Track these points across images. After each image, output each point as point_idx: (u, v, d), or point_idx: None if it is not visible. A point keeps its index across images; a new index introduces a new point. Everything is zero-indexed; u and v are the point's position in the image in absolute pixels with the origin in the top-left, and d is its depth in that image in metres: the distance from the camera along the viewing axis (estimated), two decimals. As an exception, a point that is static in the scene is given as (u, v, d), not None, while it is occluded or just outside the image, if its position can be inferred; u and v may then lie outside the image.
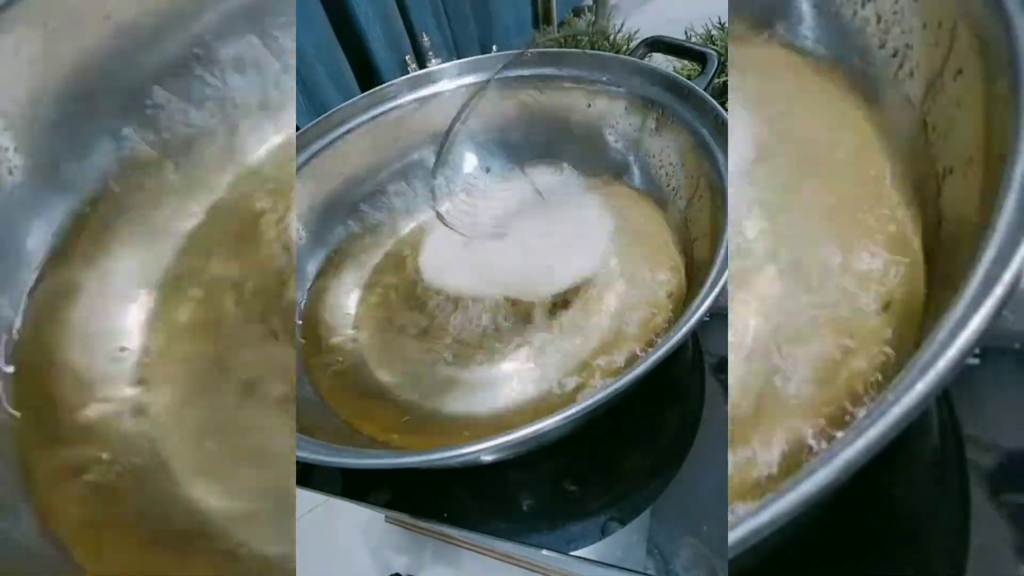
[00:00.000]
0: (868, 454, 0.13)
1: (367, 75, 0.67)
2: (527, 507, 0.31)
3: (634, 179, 0.43)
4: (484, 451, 0.24)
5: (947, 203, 0.21)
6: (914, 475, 0.24)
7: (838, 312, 0.23)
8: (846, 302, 0.23)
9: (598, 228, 0.41)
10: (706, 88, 0.37)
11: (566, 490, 0.31)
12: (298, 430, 0.28)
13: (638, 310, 0.36)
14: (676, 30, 0.57)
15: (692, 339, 0.35)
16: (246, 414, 0.31)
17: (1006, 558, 0.21)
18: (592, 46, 0.65)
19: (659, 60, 0.50)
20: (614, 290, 0.38)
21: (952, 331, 0.14)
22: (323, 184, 0.45)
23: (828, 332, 0.23)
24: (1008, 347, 0.25)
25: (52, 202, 0.32)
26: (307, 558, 0.78)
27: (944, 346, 0.14)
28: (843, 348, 0.22)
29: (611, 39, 0.66)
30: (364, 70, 0.67)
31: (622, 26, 0.68)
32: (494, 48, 0.46)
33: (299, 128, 0.43)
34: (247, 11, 0.36)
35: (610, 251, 0.39)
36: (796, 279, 0.25)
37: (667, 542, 0.28)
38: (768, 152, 0.29)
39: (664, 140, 0.39)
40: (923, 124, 0.24)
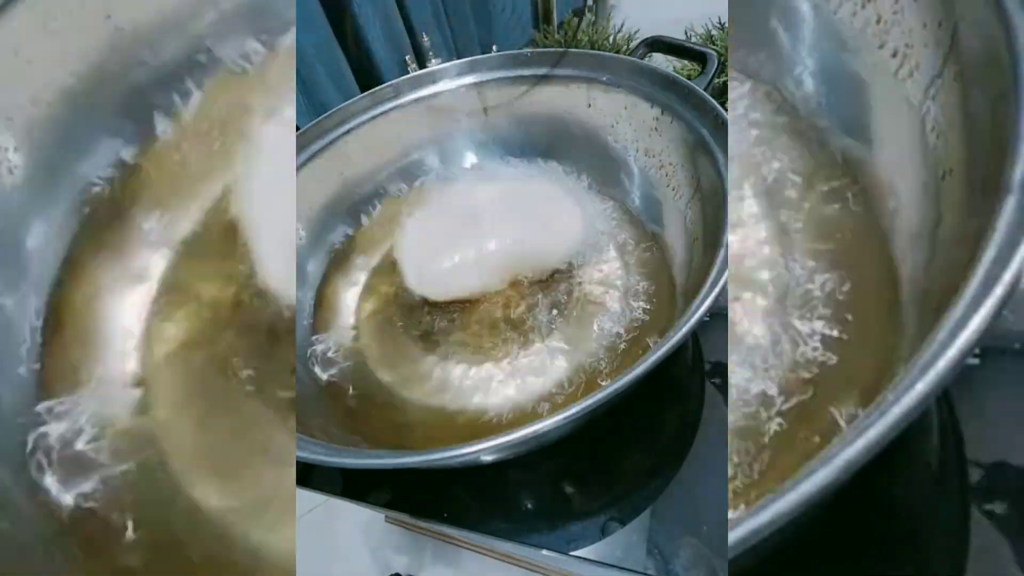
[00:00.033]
0: (868, 454, 0.13)
1: (367, 75, 0.67)
2: (527, 507, 0.31)
3: (632, 180, 0.43)
4: (484, 451, 0.24)
5: (947, 203, 0.21)
6: (914, 475, 0.24)
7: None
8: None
9: (569, 225, 0.42)
10: (706, 88, 0.37)
11: (566, 490, 0.31)
12: (298, 430, 0.28)
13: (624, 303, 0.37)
14: (676, 30, 0.57)
15: (692, 339, 0.35)
16: (246, 414, 0.31)
17: (1006, 558, 0.21)
18: (592, 46, 0.65)
19: (659, 60, 0.50)
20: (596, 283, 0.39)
21: (952, 331, 0.14)
22: (323, 184, 0.45)
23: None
24: (1008, 347, 0.25)
25: (52, 202, 0.32)
26: (307, 558, 0.78)
27: (944, 346, 0.14)
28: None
29: (611, 39, 0.66)
30: (364, 70, 0.67)
31: (622, 26, 0.68)
32: (494, 48, 0.46)
33: (299, 128, 0.43)
34: (247, 11, 0.36)
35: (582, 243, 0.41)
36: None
37: (667, 542, 0.28)
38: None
39: (664, 140, 0.39)
40: (923, 124, 0.24)
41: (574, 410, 0.23)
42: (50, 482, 0.28)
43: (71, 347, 0.31)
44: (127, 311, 0.33)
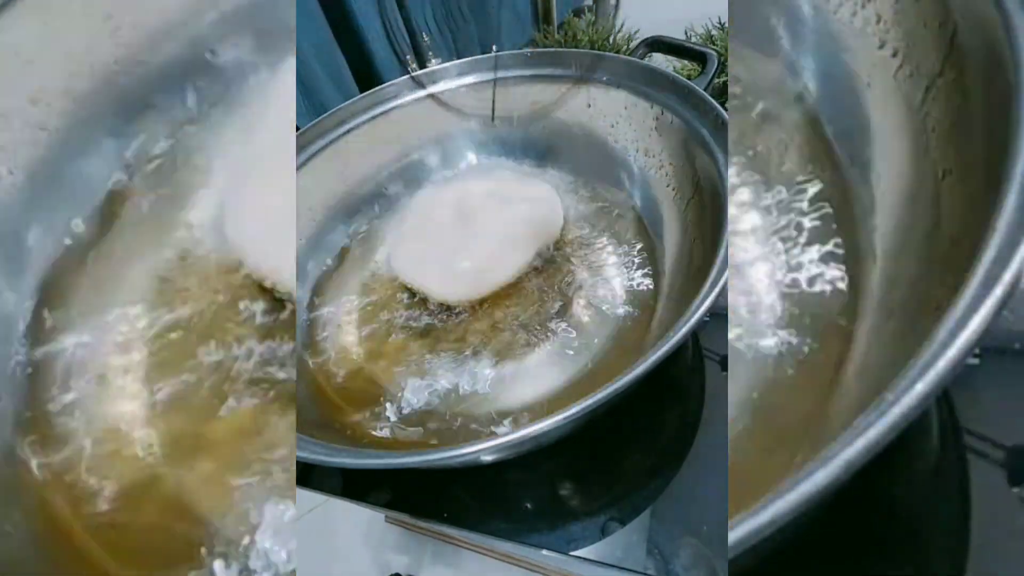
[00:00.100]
0: (868, 454, 0.13)
1: (367, 75, 0.67)
2: (527, 507, 0.31)
3: (632, 180, 0.43)
4: (484, 451, 0.24)
5: (946, 203, 0.21)
6: (914, 475, 0.24)
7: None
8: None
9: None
10: (706, 88, 0.37)
11: (566, 490, 0.31)
12: (298, 430, 0.28)
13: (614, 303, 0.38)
14: (676, 30, 0.57)
15: (692, 339, 0.35)
16: (246, 413, 0.31)
17: (1006, 558, 0.21)
18: (592, 46, 0.65)
19: (659, 60, 0.50)
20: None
21: (952, 331, 0.14)
22: (323, 184, 0.45)
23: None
24: (1008, 347, 0.25)
25: (52, 203, 0.32)
26: (307, 558, 0.78)
27: (944, 346, 0.14)
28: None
29: (611, 39, 0.66)
30: (364, 70, 0.67)
31: (622, 26, 0.68)
32: (494, 48, 0.46)
33: (299, 128, 0.43)
34: (247, 11, 0.36)
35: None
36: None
37: (667, 542, 0.28)
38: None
39: (664, 140, 0.39)
40: (923, 124, 0.24)
41: (574, 410, 0.23)
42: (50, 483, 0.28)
43: (68, 341, 0.31)
44: (127, 309, 0.33)
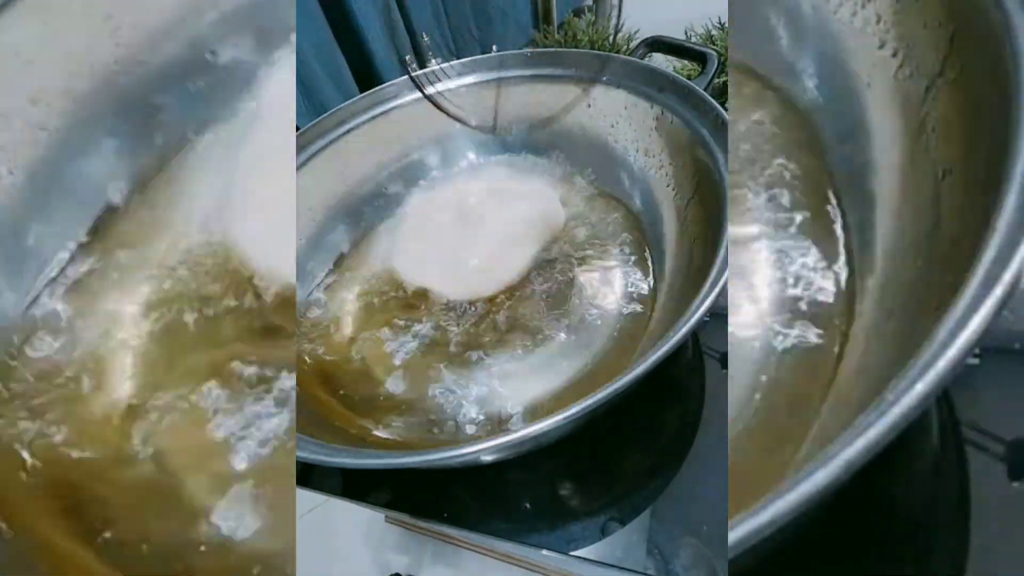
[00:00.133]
0: (868, 454, 0.13)
1: (367, 75, 0.67)
2: (527, 507, 0.31)
3: (632, 180, 0.43)
4: (484, 451, 0.24)
5: (946, 203, 0.21)
6: (914, 475, 0.24)
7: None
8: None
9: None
10: (706, 88, 0.37)
11: (566, 490, 0.31)
12: (298, 430, 0.28)
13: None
14: (676, 30, 0.57)
15: (692, 339, 0.35)
16: (246, 413, 0.31)
17: (1006, 558, 0.21)
18: (592, 46, 0.65)
19: (659, 60, 0.50)
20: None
21: (952, 331, 0.14)
22: (323, 184, 0.45)
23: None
24: (1008, 347, 0.25)
25: (53, 203, 0.32)
26: (307, 558, 0.78)
27: (944, 346, 0.14)
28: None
29: (611, 39, 0.66)
30: (364, 70, 0.67)
31: (622, 26, 0.68)
32: (494, 48, 0.46)
33: (299, 128, 0.43)
34: (247, 11, 0.36)
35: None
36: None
37: (667, 542, 0.28)
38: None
39: (664, 140, 0.39)
40: (923, 124, 0.24)
41: (574, 410, 0.23)
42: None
43: (71, 349, 0.31)
44: (126, 307, 0.33)
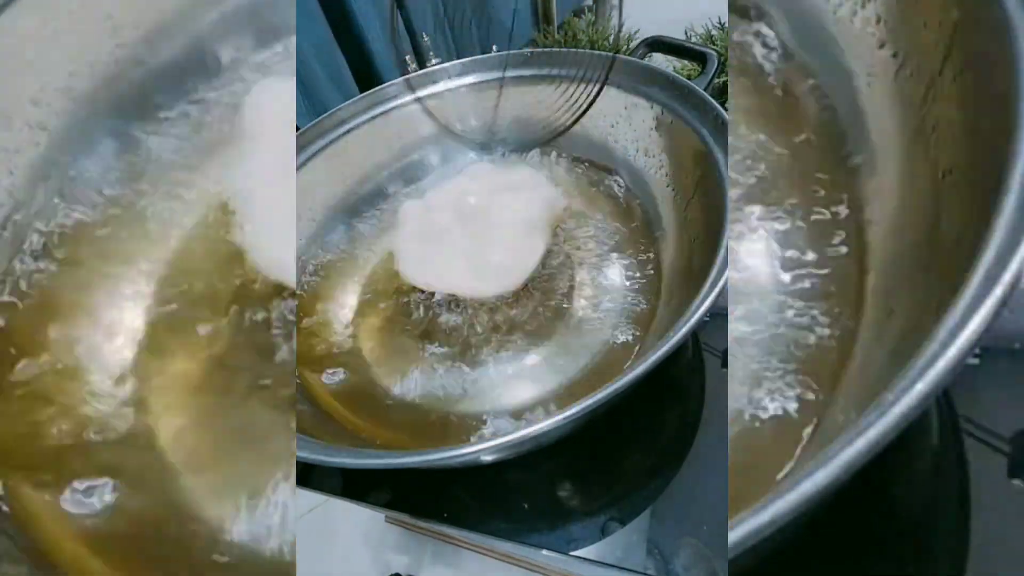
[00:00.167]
0: (868, 454, 0.13)
1: (367, 75, 0.67)
2: (527, 507, 0.31)
3: (632, 180, 0.43)
4: (484, 451, 0.24)
5: (946, 203, 0.21)
6: (914, 475, 0.24)
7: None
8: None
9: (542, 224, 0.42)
10: (706, 88, 0.37)
11: (566, 490, 0.31)
12: (298, 430, 0.28)
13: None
14: (676, 30, 0.57)
15: (692, 339, 0.35)
16: (246, 414, 0.31)
17: (1006, 558, 0.21)
18: (592, 46, 0.65)
19: (659, 60, 0.50)
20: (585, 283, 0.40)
21: (952, 331, 0.14)
22: (323, 184, 0.45)
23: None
24: (1008, 347, 0.25)
25: (53, 203, 0.32)
26: (307, 558, 0.78)
27: (944, 346, 0.14)
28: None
29: (611, 39, 0.66)
30: (364, 70, 0.67)
31: (622, 26, 0.68)
32: (494, 48, 0.46)
33: (299, 128, 0.43)
34: (247, 11, 0.36)
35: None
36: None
37: (667, 542, 0.28)
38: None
39: (664, 140, 0.39)
40: (923, 124, 0.24)
41: (574, 410, 0.23)
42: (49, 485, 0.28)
43: (71, 349, 0.31)
44: (126, 309, 0.33)
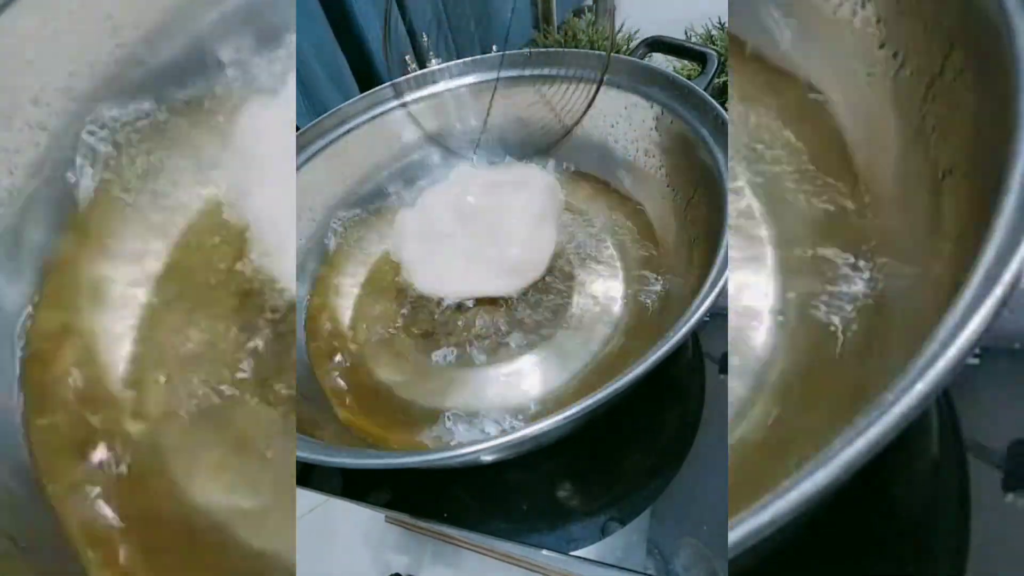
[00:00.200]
0: (868, 454, 0.13)
1: (367, 75, 0.67)
2: (527, 507, 0.31)
3: (632, 179, 0.43)
4: (484, 451, 0.24)
5: (947, 203, 0.21)
6: (914, 475, 0.24)
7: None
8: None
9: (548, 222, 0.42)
10: (706, 88, 0.37)
11: (566, 490, 0.31)
12: (298, 430, 0.28)
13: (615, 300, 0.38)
14: (676, 30, 0.57)
15: (692, 339, 0.35)
16: (247, 414, 0.31)
17: (1006, 558, 0.21)
18: (592, 46, 0.65)
19: (659, 60, 0.50)
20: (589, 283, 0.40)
21: (952, 331, 0.14)
22: (323, 184, 0.45)
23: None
24: (1008, 347, 0.25)
25: (54, 203, 0.32)
26: (307, 558, 0.78)
27: (944, 346, 0.14)
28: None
29: (611, 39, 0.66)
30: (364, 70, 0.67)
31: (622, 26, 0.68)
32: (494, 48, 0.46)
33: (299, 128, 0.43)
34: (247, 11, 0.36)
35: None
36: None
37: (667, 542, 0.28)
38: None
39: (664, 140, 0.39)
40: (923, 124, 0.24)
41: (574, 410, 0.23)
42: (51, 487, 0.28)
43: (72, 349, 0.31)
44: (127, 311, 0.33)
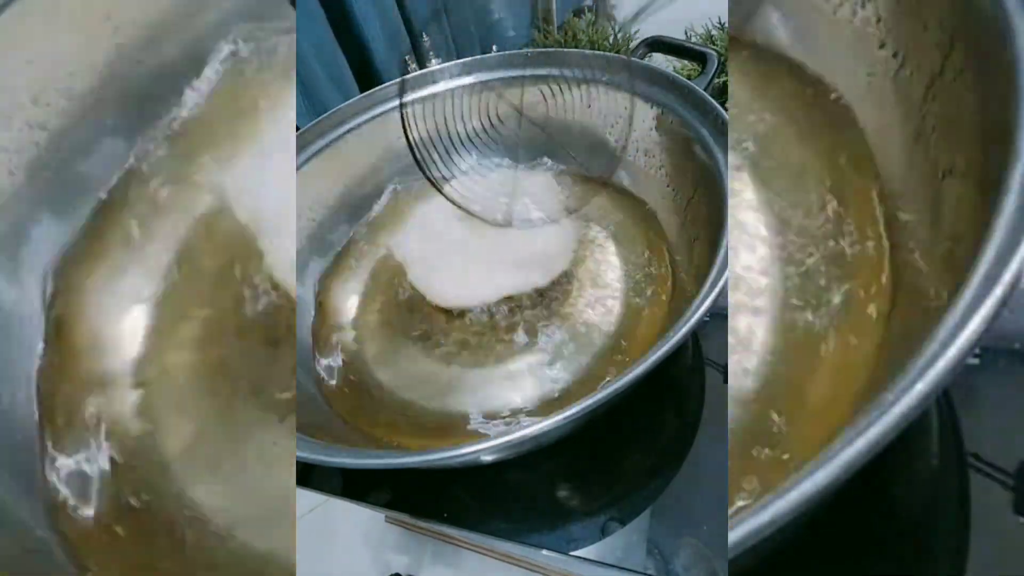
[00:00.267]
0: (868, 454, 0.13)
1: (367, 75, 0.67)
2: (527, 507, 0.31)
3: (632, 180, 0.43)
4: (484, 451, 0.24)
5: (947, 203, 0.21)
6: (914, 475, 0.24)
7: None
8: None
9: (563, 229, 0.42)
10: (706, 88, 0.37)
11: (566, 490, 0.31)
12: (298, 430, 0.28)
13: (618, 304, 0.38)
14: (676, 30, 0.57)
15: (692, 339, 0.35)
16: (247, 415, 0.31)
17: (1006, 558, 0.21)
18: (592, 46, 0.65)
19: (659, 60, 0.50)
20: (591, 287, 0.39)
21: (952, 331, 0.14)
22: (323, 184, 0.45)
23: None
24: (1008, 347, 0.25)
25: (54, 204, 0.32)
26: (307, 558, 0.78)
27: (944, 346, 0.14)
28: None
29: (611, 39, 0.66)
30: (364, 70, 0.67)
31: (622, 26, 0.68)
32: (494, 48, 0.46)
33: (299, 128, 0.43)
34: (247, 11, 0.36)
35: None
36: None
37: (667, 542, 0.28)
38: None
39: (664, 140, 0.39)
40: (923, 124, 0.24)
41: (574, 410, 0.23)
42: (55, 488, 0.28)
43: (73, 349, 0.31)
44: (130, 313, 0.33)
